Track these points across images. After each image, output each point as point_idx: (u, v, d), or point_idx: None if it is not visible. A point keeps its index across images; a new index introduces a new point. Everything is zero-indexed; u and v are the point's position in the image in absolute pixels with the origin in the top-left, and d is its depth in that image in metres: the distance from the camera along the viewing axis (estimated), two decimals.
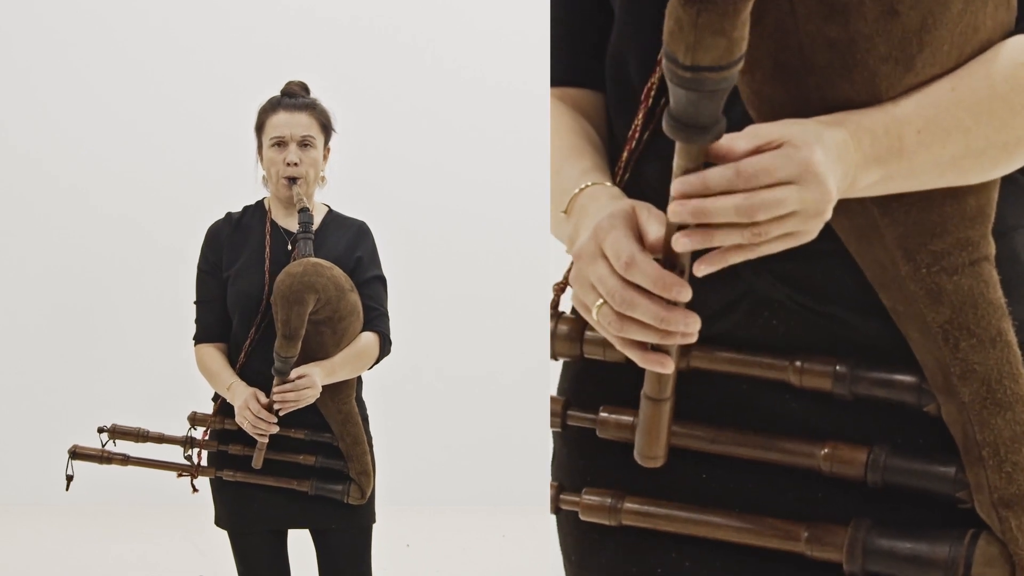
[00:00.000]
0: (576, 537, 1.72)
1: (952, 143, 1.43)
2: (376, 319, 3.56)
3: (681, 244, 1.35)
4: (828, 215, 1.37)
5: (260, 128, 3.61)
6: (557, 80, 1.75)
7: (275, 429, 3.40)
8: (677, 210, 1.34)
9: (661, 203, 1.48)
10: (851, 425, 1.56)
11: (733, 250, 1.36)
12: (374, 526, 3.62)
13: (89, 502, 7.96)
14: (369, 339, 3.54)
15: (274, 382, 3.38)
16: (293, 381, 3.36)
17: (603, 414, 1.65)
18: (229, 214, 3.69)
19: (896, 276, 1.49)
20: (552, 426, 1.72)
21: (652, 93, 1.57)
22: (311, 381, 3.37)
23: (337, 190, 3.82)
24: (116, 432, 3.62)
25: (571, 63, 1.74)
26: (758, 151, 1.35)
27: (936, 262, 1.48)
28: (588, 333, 1.64)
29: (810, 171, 1.33)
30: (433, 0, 8.84)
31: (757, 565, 1.60)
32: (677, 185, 1.34)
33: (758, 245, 1.36)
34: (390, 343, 3.60)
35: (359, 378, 3.59)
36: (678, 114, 1.29)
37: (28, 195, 8.68)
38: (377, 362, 3.58)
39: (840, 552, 1.53)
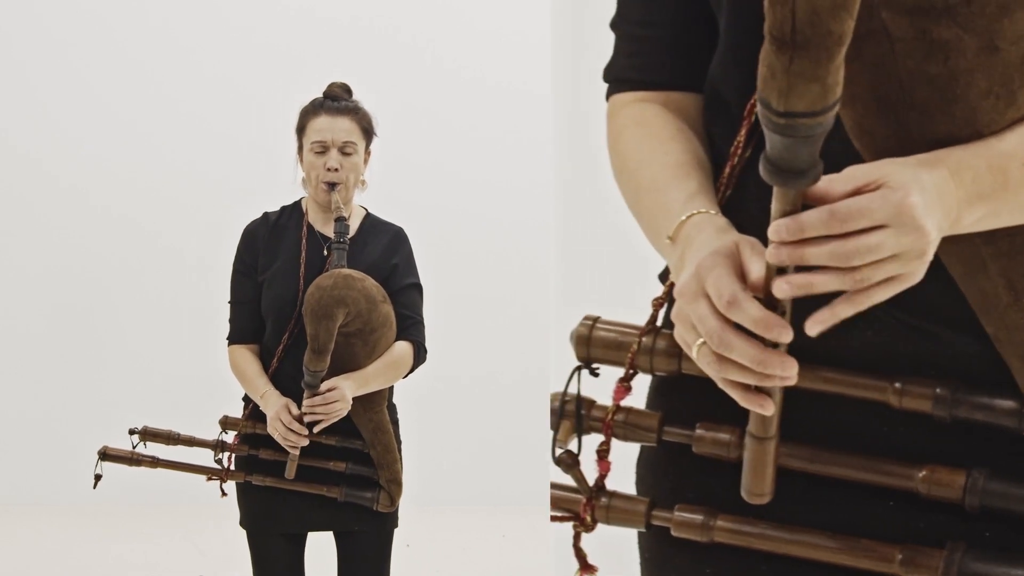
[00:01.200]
0: (663, 553, 1.72)
1: None
2: (411, 327, 3.56)
3: (782, 290, 1.34)
4: (930, 256, 1.35)
5: (301, 130, 3.60)
6: (663, 83, 1.71)
7: (305, 442, 3.40)
8: (774, 253, 1.34)
9: (764, 221, 1.48)
10: (947, 447, 1.55)
11: (841, 304, 1.36)
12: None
13: (89, 502, 7.96)
14: (403, 349, 3.54)
15: (304, 395, 3.37)
16: (323, 394, 3.36)
17: (699, 431, 1.64)
18: (266, 214, 3.67)
19: (997, 305, 1.48)
20: (644, 441, 1.70)
21: (755, 110, 1.55)
22: (341, 394, 3.37)
23: None
24: (147, 434, 3.63)
25: (677, 66, 1.71)
26: (856, 192, 1.33)
27: None
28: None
29: (906, 213, 1.31)
30: (433, 0, 8.83)
31: None
32: (773, 229, 1.33)
33: (865, 293, 1.35)
34: (425, 351, 3.59)
35: (391, 386, 3.59)
36: (774, 158, 1.28)
37: (28, 195, 8.65)
38: (412, 371, 3.58)
39: (935, 575, 1.52)
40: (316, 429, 3.40)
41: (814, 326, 1.37)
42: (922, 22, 1.38)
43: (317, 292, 3.29)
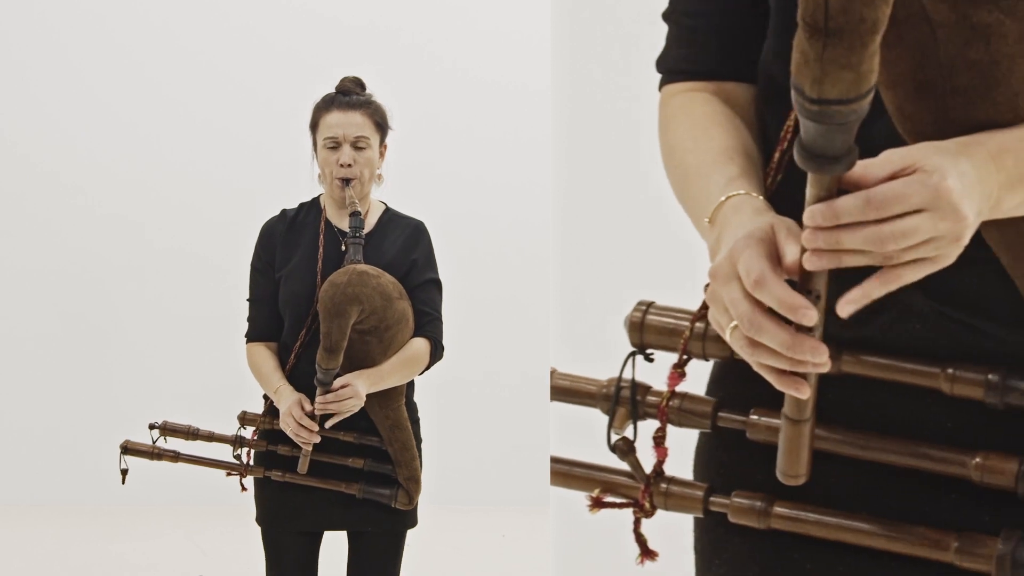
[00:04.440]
0: (716, 537, 1.72)
1: None
2: (428, 324, 3.53)
3: (811, 263, 1.34)
4: (966, 240, 1.35)
5: (315, 126, 3.58)
6: (713, 73, 1.71)
7: (316, 438, 3.38)
8: (810, 239, 1.33)
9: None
10: (997, 435, 1.55)
11: (871, 283, 1.35)
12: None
13: (89, 502, 7.96)
14: (420, 345, 3.51)
15: (317, 392, 3.36)
16: (335, 391, 3.35)
17: (753, 416, 1.64)
18: (284, 211, 3.65)
19: None
20: (699, 427, 1.70)
21: None
22: (354, 391, 3.35)
23: None
24: (167, 429, 3.61)
25: (728, 56, 1.71)
26: (892, 177, 1.33)
27: None
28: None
29: (943, 198, 1.31)
30: (434, 0, 8.83)
31: (882, 571, 1.59)
32: (808, 215, 1.33)
33: (895, 272, 1.34)
34: (442, 348, 3.57)
35: (411, 382, 3.57)
36: (808, 144, 1.28)
37: (28, 195, 8.64)
38: (428, 367, 3.55)
39: (990, 563, 1.51)
40: (328, 424, 3.39)
41: (846, 306, 1.36)
42: (963, 7, 1.38)
43: (331, 289, 3.27)
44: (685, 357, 1.67)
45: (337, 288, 3.26)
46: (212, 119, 8.64)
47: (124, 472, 3.58)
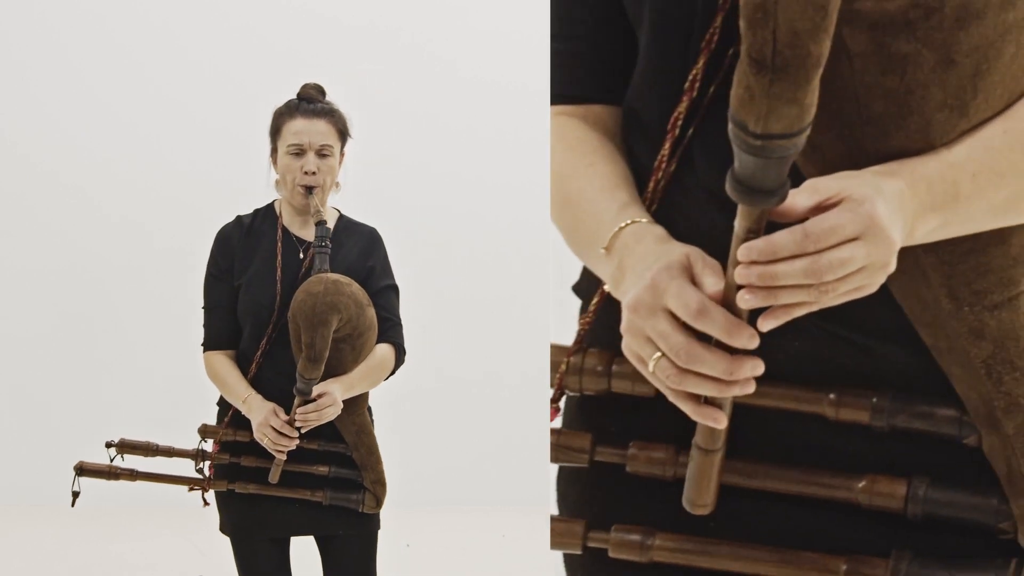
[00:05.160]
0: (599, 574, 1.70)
1: (1006, 186, 1.42)
2: (390, 330, 3.52)
3: (746, 301, 1.34)
4: (893, 267, 1.36)
5: (276, 132, 3.56)
6: (580, 97, 1.70)
7: (294, 446, 3.37)
8: (744, 274, 1.33)
9: (691, 234, 1.49)
10: (888, 457, 1.55)
11: (797, 305, 1.35)
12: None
13: (89, 502, 7.97)
14: (385, 351, 3.51)
15: (295, 402, 3.34)
16: (315, 400, 3.33)
17: (633, 449, 1.63)
18: (239, 218, 3.63)
19: (938, 314, 1.48)
20: (576, 462, 1.68)
21: (679, 123, 1.54)
22: (332, 399, 3.34)
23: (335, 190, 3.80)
24: (124, 446, 3.54)
25: (595, 80, 1.70)
26: (819, 208, 1.33)
27: (978, 301, 1.48)
28: (615, 368, 1.62)
29: (875, 225, 1.32)
30: (434, 0, 8.83)
31: None
32: (744, 252, 1.33)
33: (822, 301, 1.35)
34: (404, 352, 3.57)
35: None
36: (744, 179, 1.28)
37: (28, 196, 8.66)
38: (393, 373, 3.55)
39: None
40: (304, 431, 3.38)
41: (767, 323, 1.36)
42: (881, 37, 1.38)
43: (310, 299, 3.24)
44: (560, 392, 1.66)
45: (316, 297, 3.24)
46: (212, 119, 8.65)
47: (75, 495, 3.54)
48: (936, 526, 1.53)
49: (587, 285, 1.70)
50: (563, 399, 1.69)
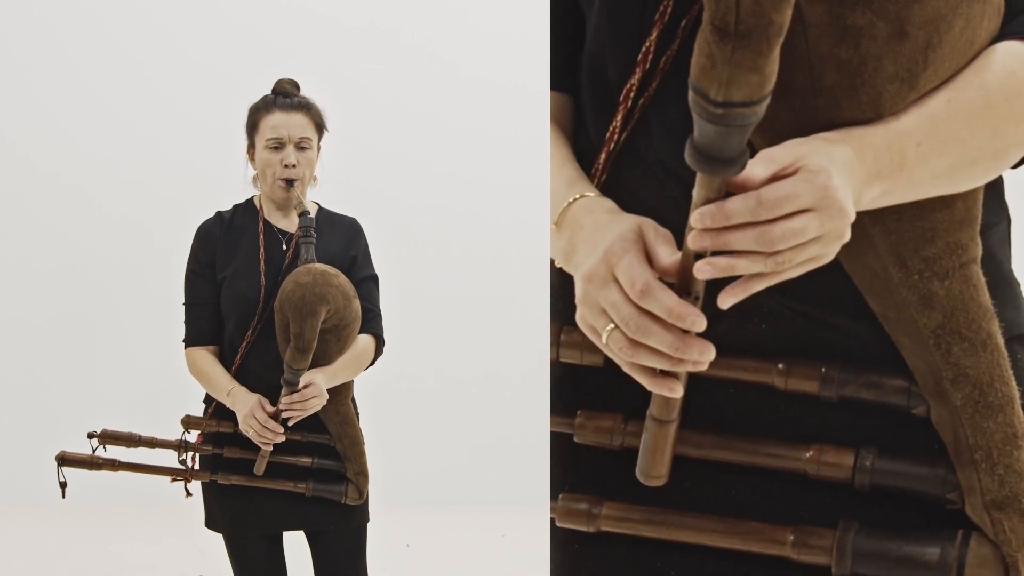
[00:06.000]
0: (557, 544, 1.70)
1: (949, 154, 1.43)
2: (371, 320, 3.55)
3: (703, 272, 1.34)
4: (847, 237, 1.36)
5: (253, 127, 3.57)
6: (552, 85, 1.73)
7: (282, 438, 3.38)
8: (697, 239, 1.33)
9: (641, 207, 1.50)
10: (838, 428, 1.55)
11: (755, 279, 1.36)
12: (370, 525, 3.60)
13: (88, 502, 7.98)
14: (366, 341, 3.54)
15: (282, 392, 3.36)
16: (300, 391, 3.35)
17: (580, 419, 1.63)
18: (219, 214, 3.65)
19: (887, 283, 1.49)
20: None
21: (631, 94, 1.55)
22: (318, 390, 3.36)
23: (335, 190, 3.80)
24: (106, 437, 3.56)
25: (557, 68, 1.71)
26: (775, 177, 1.33)
27: (928, 267, 1.48)
28: (563, 337, 1.63)
29: (829, 196, 1.32)
30: (434, 0, 8.84)
31: (745, 572, 1.58)
32: (698, 217, 1.33)
33: (780, 272, 1.35)
34: (383, 343, 3.59)
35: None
36: (704, 147, 1.28)
37: (28, 195, 8.68)
38: (372, 363, 3.57)
39: (828, 555, 1.51)
40: (291, 423, 3.39)
41: (727, 299, 1.36)
42: (838, 8, 1.39)
43: (299, 290, 3.26)
44: None
45: (305, 288, 3.26)
46: (212, 119, 8.66)
47: (63, 485, 3.55)
48: (884, 497, 1.53)
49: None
50: None
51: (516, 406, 8.54)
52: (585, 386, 1.65)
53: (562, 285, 1.64)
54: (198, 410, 3.62)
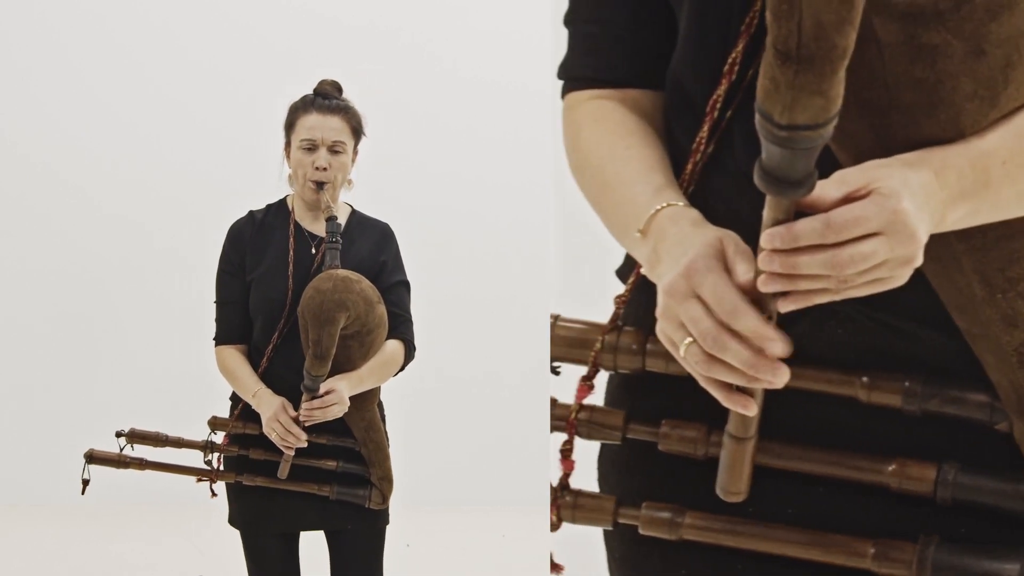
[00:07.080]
0: (632, 552, 1.71)
1: None
2: (400, 325, 3.54)
3: (765, 285, 1.35)
4: (918, 262, 1.36)
5: (290, 127, 3.56)
6: (620, 81, 1.70)
7: (304, 443, 3.38)
8: (766, 261, 1.34)
9: (728, 218, 1.49)
10: (919, 440, 1.55)
11: (819, 293, 1.36)
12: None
13: (89, 502, 7.96)
14: (394, 347, 3.52)
15: (303, 398, 3.35)
16: (322, 397, 3.34)
17: (665, 428, 1.63)
18: (252, 213, 3.64)
19: (972, 300, 1.48)
20: (609, 439, 1.69)
21: (718, 106, 1.54)
22: (339, 397, 3.35)
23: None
24: (134, 436, 3.57)
25: (634, 64, 1.69)
26: (846, 199, 1.33)
27: (1012, 287, 1.47)
28: (650, 346, 1.63)
29: (899, 220, 1.32)
30: (434, 0, 8.83)
31: None
32: (767, 238, 1.33)
33: (844, 291, 1.36)
34: (414, 349, 3.58)
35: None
36: (771, 169, 1.28)
37: (28, 195, 8.65)
38: (402, 368, 3.56)
39: (908, 569, 1.52)
40: (308, 424, 3.38)
41: (787, 304, 1.37)
42: (912, 27, 1.38)
43: (318, 296, 3.24)
44: (595, 369, 1.66)
45: (324, 295, 3.24)
46: (212, 119, 8.65)
47: (85, 482, 3.55)
48: (965, 511, 1.53)
49: (628, 271, 1.71)
50: (596, 378, 1.69)
51: (516, 406, 8.54)
52: (666, 395, 1.66)
53: (641, 290, 1.64)
54: (196, 410, 3.63)
